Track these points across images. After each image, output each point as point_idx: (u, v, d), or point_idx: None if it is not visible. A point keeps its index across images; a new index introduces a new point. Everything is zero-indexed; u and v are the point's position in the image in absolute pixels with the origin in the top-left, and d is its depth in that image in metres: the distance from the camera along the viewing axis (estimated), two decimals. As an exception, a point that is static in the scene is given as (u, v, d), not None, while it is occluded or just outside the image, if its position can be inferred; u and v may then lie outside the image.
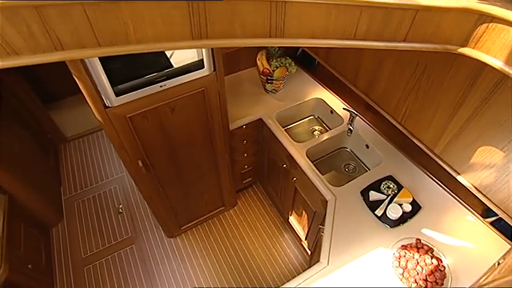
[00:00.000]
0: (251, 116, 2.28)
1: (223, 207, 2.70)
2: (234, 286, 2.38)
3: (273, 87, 2.43)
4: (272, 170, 2.54)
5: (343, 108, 2.20)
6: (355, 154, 2.29)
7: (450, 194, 1.76)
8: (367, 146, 2.11)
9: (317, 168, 1.95)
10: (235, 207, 2.81)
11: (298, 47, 2.61)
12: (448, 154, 1.40)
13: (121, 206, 2.84)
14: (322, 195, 1.85)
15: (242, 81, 2.57)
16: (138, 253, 2.55)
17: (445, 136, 1.36)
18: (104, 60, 1.40)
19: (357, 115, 2.13)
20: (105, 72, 1.43)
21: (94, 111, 1.60)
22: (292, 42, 0.77)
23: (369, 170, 2.14)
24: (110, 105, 1.56)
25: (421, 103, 1.45)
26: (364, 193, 1.79)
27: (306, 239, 2.39)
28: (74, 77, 1.46)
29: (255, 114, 2.30)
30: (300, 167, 1.99)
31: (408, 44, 0.85)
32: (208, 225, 2.70)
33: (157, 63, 1.60)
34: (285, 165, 2.23)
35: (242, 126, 2.27)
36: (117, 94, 1.53)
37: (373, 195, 1.75)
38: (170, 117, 1.77)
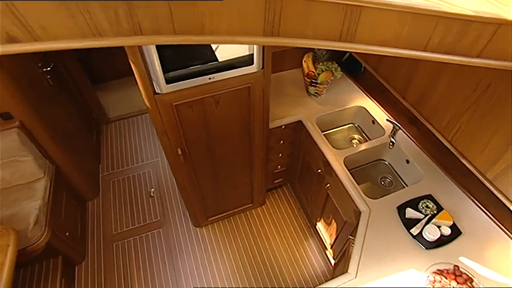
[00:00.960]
0: (291, 117, 2.27)
1: (251, 204, 2.72)
2: (253, 285, 2.39)
3: (316, 91, 2.41)
4: (305, 173, 2.52)
5: (387, 120, 2.13)
6: (393, 168, 2.22)
7: (497, 223, 1.65)
8: (408, 161, 2.03)
9: (353, 178, 1.91)
10: (263, 206, 2.82)
11: (346, 52, 2.56)
12: (502, 181, 1.31)
13: (153, 190, 2.93)
14: (356, 205, 1.81)
15: (285, 82, 2.57)
16: (164, 237, 2.63)
17: (502, 162, 1.27)
18: (159, 48, 1.45)
19: (400, 128, 2.05)
20: (159, 60, 1.48)
21: (143, 96, 1.66)
22: (361, 48, 0.75)
23: (407, 186, 2.06)
24: (159, 92, 1.61)
25: (477, 123, 1.37)
26: (401, 209, 1.72)
27: (331, 247, 2.35)
28: (129, 61, 1.53)
29: (295, 116, 2.28)
30: (336, 174, 1.96)
31: (482, 60, 0.80)
32: (235, 220, 2.73)
33: (208, 55, 1.64)
34: (319, 170, 2.20)
35: (281, 126, 2.26)
36: (168, 81, 1.58)
37: (410, 213, 1.68)
38: (214, 109, 1.80)
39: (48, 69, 2.60)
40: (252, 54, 1.67)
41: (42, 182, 2.27)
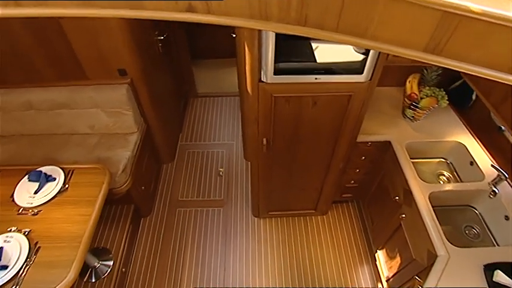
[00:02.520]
0: (380, 136, 2.16)
1: (313, 211, 2.68)
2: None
3: (413, 115, 2.25)
4: (378, 196, 2.39)
5: (491, 166, 1.90)
6: (484, 220, 1.98)
7: None
8: (507, 218, 1.79)
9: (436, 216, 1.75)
10: (324, 216, 2.75)
11: (457, 80, 2.34)
12: None
13: (222, 170, 3.06)
14: (433, 246, 1.66)
15: (381, 98, 2.44)
16: (223, 217, 2.73)
17: None
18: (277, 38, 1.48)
19: (506, 179, 1.82)
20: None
21: (248, 81, 1.72)
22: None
23: (498, 245, 1.82)
24: (264, 80, 1.65)
25: None
26: (488, 269, 1.53)
27: (387, 281, 2.20)
28: (246, 47, 1.59)
29: (385, 136, 2.17)
30: (417, 207, 1.81)
31: None
32: (293, 221, 2.71)
33: (308, 54, 1.62)
34: (397, 198, 2.06)
35: (368, 142, 2.17)
36: (275, 72, 1.60)
37: (501, 277, 1.49)
38: (309, 109, 1.79)
39: (161, 38, 2.84)
40: (364, 64, 1.62)
41: (134, 136, 2.51)
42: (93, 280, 2.23)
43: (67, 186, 1.91)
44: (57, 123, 2.53)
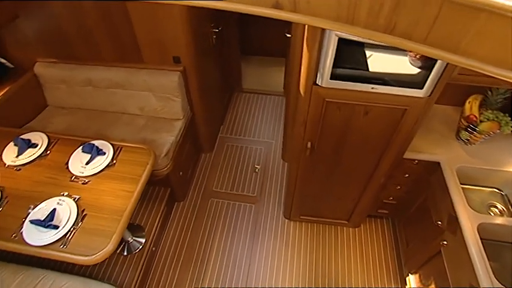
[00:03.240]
0: (429, 155, 2.06)
1: (346, 222, 2.61)
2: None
3: (469, 138, 2.11)
4: (418, 218, 2.27)
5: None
6: (537, 261, 1.82)
7: None
8: None
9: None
10: (356, 228, 2.68)
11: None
12: None
13: (258, 167, 3.07)
14: (477, 281, 1.55)
15: (435, 115, 2.32)
16: (254, 214, 2.74)
17: None
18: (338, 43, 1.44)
19: None
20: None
21: (301, 82, 1.70)
22: None
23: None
24: (318, 84, 1.63)
25: None
26: (538, 314, 1.41)
27: (417, 307, 2.10)
28: (305, 47, 1.57)
29: (435, 156, 2.06)
30: (463, 236, 1.70)
31: None
32: (324, 228, 2.67)
33: (361, 62, 1.56)
34: (439, 223, 1.95)
35: (415, 160, 2.07)
36: (332, 77, 1.57)
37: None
38: (360, 118, 1.74)
39: (216, 30, 2.89)
40: (425, 78, 1.54)
41: (179, 122, 2.59)
42: (125, 253, 2.33)
43: (115, 161, 2.01)
44: (111, 101, 2.67)
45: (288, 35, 2.76)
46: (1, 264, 1.90)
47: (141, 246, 2.36)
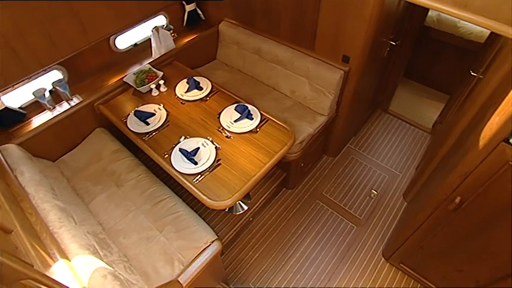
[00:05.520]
0: None
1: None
2: None
3: None
4: None
5: None
6: None
7: None
8: None
9: None
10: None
11: None
12: None
13: (376, 193, 2.87)
14: None
15: None
16: (352, 236, 2.60)
17: None
18: None
19: None
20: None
21: (485, 133, 1.46)
22: None
23: None
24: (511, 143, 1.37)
25: None
26: None
27: None
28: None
29: None
30: None
31: None
32: (421, 290, 2.37)
33: None
34: None
35: None
36: (536, 142, 1.31)
37: None
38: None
39: (393, 43, 2.73)
40: None
41: (322, 118, 2.59)
42: (226, 210, 2.52)
43: (258, 130, 2.15)
44: (268, 74, 2.84)
45: (474, 74, 2.43)
46: (147, 171, 2.28)
47: (242, 212, 2.51)
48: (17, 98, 2.28)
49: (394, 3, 2.30)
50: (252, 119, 2.19)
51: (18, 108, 2.26)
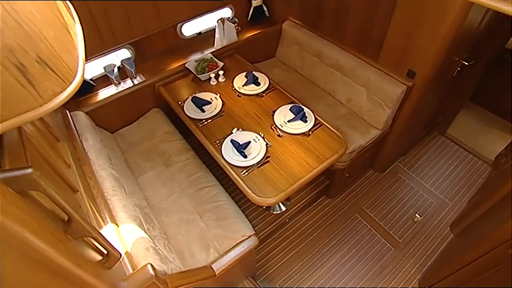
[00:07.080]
0: None
1: None
2: None
3: None
4: None
5: None
6: None
7: None
8: None
9: None
10: None
11: None
12: None
13: (420, 217, 2.72)
14: None
15: None
16: (388, 258, 2.49)
17: None
18: None
19: None
20: None
21: None
22: None
23: None
24: None
25: None
26: None
27: None
28: None
29: None
30: None
31: None
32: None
33: None
34: None
35: None
36: None
37: None
38: None
39: (465, 63, 2.55)
40: None
41: (375, 131, 2.50)
42: (264, 208, 2.53)
43: (310, 133, 2.12)
44: (326, 79, 2.80)
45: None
46: (195, 157, 2.36)
47: (279, 211, 2.51)
48: (89, 70, 2.46)
49: (475, 21, 2.15)
50: (306, 121, 2.17)
51: (90, 80, 2.44)
